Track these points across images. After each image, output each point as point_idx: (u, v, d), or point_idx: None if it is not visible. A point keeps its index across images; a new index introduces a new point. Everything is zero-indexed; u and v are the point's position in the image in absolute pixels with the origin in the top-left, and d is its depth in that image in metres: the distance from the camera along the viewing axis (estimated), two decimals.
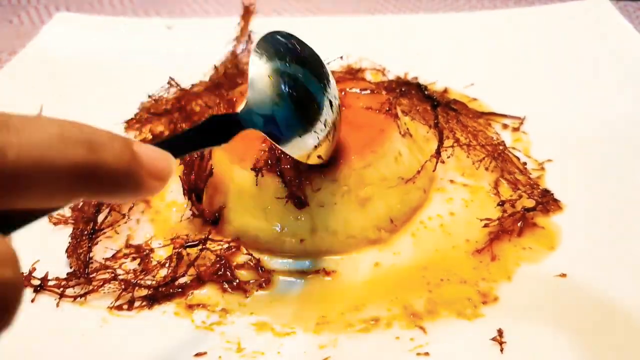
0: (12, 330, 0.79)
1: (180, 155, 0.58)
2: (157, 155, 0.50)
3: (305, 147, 0.75)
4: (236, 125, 0.66)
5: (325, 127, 0.77)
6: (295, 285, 0.84)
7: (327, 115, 0.78)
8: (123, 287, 0.81)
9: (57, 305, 0.80)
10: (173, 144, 0.56)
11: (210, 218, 0.92)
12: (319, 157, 0.79)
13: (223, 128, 0.64)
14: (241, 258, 0.87)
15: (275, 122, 0.72)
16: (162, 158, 0.51)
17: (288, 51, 0.77)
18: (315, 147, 0.77)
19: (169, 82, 1.17)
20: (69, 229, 0.91)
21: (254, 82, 0.72)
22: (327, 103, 0.79)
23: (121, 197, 0.48)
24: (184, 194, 0.93)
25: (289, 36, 0.80)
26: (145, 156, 0.48)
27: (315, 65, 0.81)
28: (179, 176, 0.93)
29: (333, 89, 0.82)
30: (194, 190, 0.93)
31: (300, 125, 0.75)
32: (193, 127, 0.62)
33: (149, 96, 1.18)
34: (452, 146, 1.00)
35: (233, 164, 0.89)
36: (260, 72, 0.73)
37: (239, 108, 0.69)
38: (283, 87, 0.74)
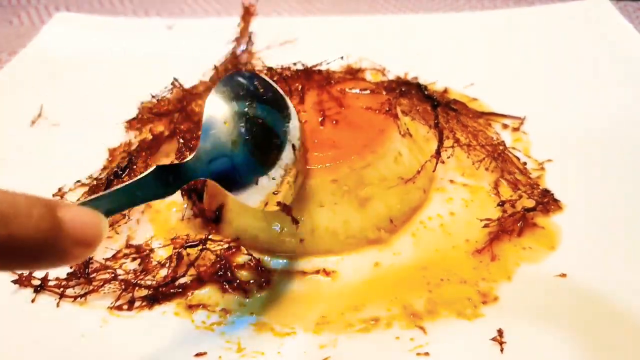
0: (12, 330, 0.79)
1: (118, 212, 0.56)
2: (86, 220, 0.47)
3: (262, 194, 0.73)
4: (182, 176, 0.65)
5: (285, 172, 0.75)
6: (295, 285, 0.84)
7: (288, 159, 0.76)
8: (123, 287, 0.81)
9: (57, 305, 0.80)
10: (111, 200, 0.55)
11: (211, 217, 0.92)
12: (279, 203, 0.75)
13: (168, 180, 0.62)
14: (241, 258, 0.87)
15: (229, 169, 0.70)
16: (90, 223, 0.48)
17: (249, 94, 0.76)
18: (274, 193, 0.74)
19: (172, 83, 1.17)
20: None
21: (208, 129, 0.70)
22: (288, 147, 0.77)
23: (44, 267, 0.46)
24: (182, 194, 0.93)
25: (252, 77, 0.78)
26: (70, 222, 0.45)
27: (278, 107, 0.79)
28: None
29: (296, 131, 0.79)
30: (194, 190, 0.93)
31: (257, 172, 0.72)
32: (136, 179, 0.59)
33: (152, 96, 1.18)
34: (452, 146, 1.00)
35: None
36: (215, 118, 0.71)
37: (189, 157, 0.67)
38: (240, 133, 0.72)
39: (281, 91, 0.82)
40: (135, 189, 0.59)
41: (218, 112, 0.72)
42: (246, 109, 0.74)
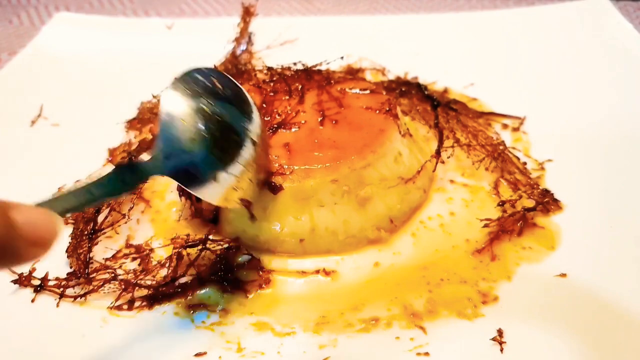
0: (12, 330, 0.79)
1: (75, 211, 0.59)
2: (40, 220, 0.48)
3: (221, 190, 0.73)
4: (140, 175, 0.66)
5: (245, 168, 0.76)
6: (295, 285, 0.84)
7: (247, 155, 0.76)
8: (123, 287, 0.81)
9: (57, 305, 0.80)
10: (68, 200, 0.56)
11: (209, 217, 0.92)
12: (241, 199, 0.77)
13: (125, 179, 0.64)
14: (241, 258, 0.87)
15: (188, 166, 0.70)
16: (45, 223, 0.48)
17: (207, 90, 0.75)
18: (234, 189, 0.75)
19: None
20: (69, 229, 0.91)
21: (166, 128, 0.70)
22: (248, 143, 0.77)
23: None
24: (180, 195, 0.93)
25: (210, 73, 0.78)
26: (24, 223, 0.45)
27: (238, 103, 0.79)
28: None
29: (256, 127, 0.79)
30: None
31: (215, 168, 0.72)
32: (96, 180, 0.61)
33: (153, 96, 1.18)
34: (452, 146, 1.00)
35: None
36: (173, 116, 0.71)
37: (146, 156, 0.68)
38: (198, 130, 0.72)
39: (241, 87, 0.82)
40: (92, 188, 0.60)
41: (175, 109, 0.72)
42: (204, 106, 0.74)
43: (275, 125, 0.93)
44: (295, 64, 1.10)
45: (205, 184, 0.72)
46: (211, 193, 0.73)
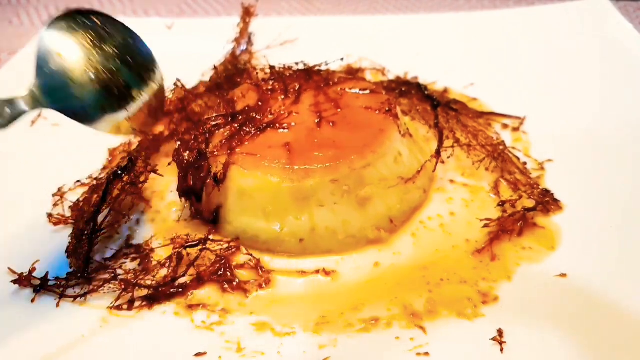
0: (12, 330, 0.79)
1: None
2: None
3: (114, 121, 0.79)
4: (17, 108, 0.69)
5: (135, 99, 0.80)
6: (295, 285, 0.84)
7: (136, 86, 0.81)
8: (123, 287, 0.81)
9: (57, 305, 0.80)
10: None
11: (209, 217, 0.92)
12: (133, 128, 0.82)
13: (3, 112, 0.67)
14: (241, 258, 0.87)
15: (73, 100, 0.74)
16: None
17: (86, 27, 0.77)
18: (126, 119, 0.80)
19: (175, 83, 1.17)
20: (69, 229, 0.91)
21: (43, 64, 0.73)
22: (135, 75, 0.81)
23: None
24: (180, 195, 0.93)
25: (91, 12, 0.80)
26: None
27: (121, 40, 0.81)
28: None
29: (144, 62, 0.84)
30: (192, 191, 0.93)
31: (103, 101, 0.77)
32: None
33: None
34: (452, 146, 1.00)
35: (233, 165, 0.89)
36: (50, 51, 0.74)
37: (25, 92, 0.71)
38: (78, 63, 0.75)
39: (127, 26, 0.84)
40: None
41: (52, 46, 0.74)
42: (84, 41, 0.76)
43: (275, 125, 0.93)
44: (297, 63, 1.10)
45: (95, 116, 0.77)
46: (102, 124, 0.78)
